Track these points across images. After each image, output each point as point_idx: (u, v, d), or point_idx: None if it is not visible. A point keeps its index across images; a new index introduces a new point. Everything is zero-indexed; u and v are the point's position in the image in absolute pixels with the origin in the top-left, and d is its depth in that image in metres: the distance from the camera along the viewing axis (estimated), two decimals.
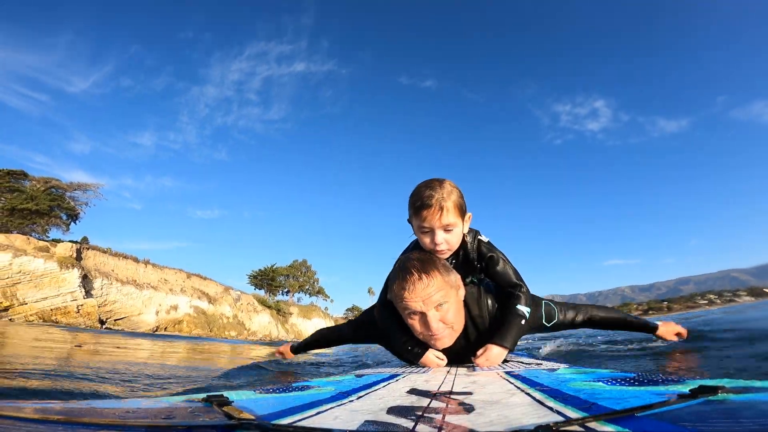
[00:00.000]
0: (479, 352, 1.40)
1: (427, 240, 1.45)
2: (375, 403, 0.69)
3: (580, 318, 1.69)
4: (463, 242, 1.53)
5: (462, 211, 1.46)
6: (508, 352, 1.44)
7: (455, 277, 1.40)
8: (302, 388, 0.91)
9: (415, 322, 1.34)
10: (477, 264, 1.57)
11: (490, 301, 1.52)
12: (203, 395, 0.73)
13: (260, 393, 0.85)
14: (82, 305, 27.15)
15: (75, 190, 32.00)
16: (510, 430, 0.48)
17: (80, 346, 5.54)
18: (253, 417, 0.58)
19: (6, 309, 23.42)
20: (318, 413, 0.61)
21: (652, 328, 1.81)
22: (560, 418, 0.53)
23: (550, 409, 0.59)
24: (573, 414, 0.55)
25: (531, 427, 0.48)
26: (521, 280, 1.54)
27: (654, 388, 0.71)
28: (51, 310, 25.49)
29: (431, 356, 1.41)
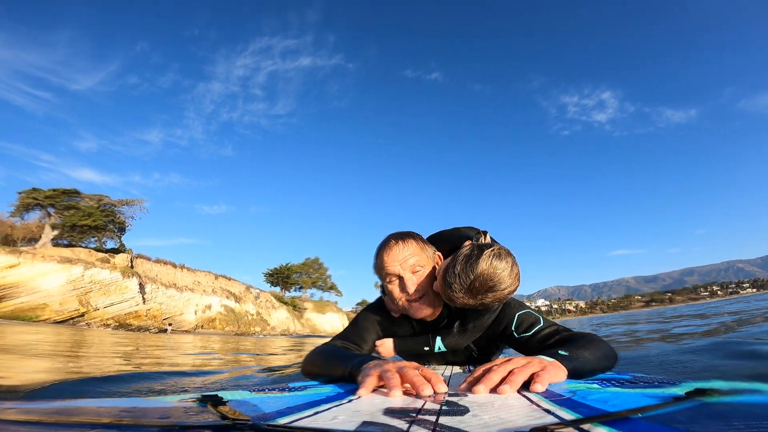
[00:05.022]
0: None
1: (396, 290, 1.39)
2: (371, 404, 0.66)
3: (553, 338, 1.34)
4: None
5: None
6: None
7: (432, 252, 1.41)
8: (299, 389, 0.88)
9: (394, 287, 1.35)
10: None
11: None
12: (198, 395, 0.70)
13: (256, 393, 0.81)
14: (149, 309, 29.31)
15: (123, 205, 34.17)
16: (504, 431, 0.46)
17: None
18: (247, 417, 0.56)
19: (82, 315, 25.26)
20: (315, 413, 0.59)
21: None
22: (555, 420, 0.50)
23: (545, 410, 0.56)
24: (567, 416, 0.52)
25: (526, 429, 0.45)
26: None
27: (649, 390, 0.67)
28: (125, 314, 27.49)
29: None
